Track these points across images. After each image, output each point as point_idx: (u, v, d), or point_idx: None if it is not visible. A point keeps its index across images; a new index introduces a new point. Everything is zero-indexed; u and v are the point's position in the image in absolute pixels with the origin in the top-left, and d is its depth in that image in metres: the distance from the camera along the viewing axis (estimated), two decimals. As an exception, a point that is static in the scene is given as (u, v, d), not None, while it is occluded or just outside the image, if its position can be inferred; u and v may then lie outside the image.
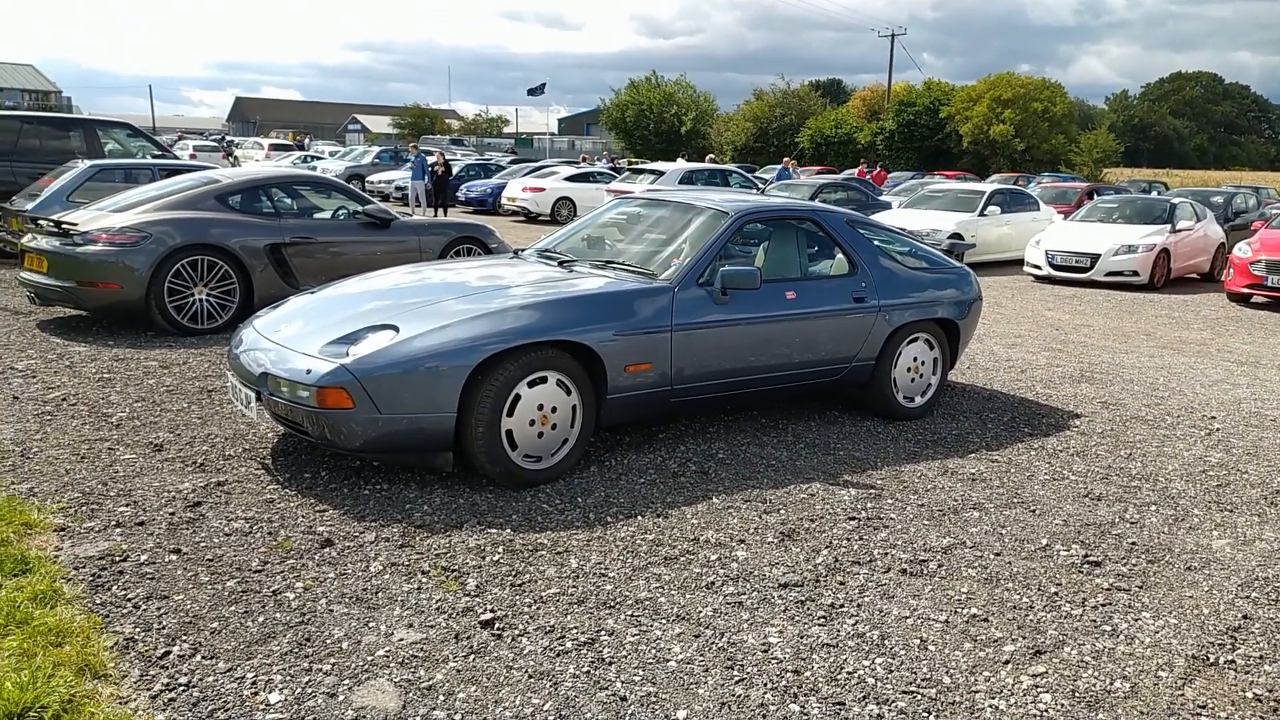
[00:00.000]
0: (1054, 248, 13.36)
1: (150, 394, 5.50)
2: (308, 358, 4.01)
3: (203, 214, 7.49)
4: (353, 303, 4.59)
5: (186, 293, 7.25)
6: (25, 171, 11.21)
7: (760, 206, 5.30)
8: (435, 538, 3.60)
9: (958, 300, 5.79)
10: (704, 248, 4.84)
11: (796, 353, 5.07)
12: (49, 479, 4.04)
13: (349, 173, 29.75)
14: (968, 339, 6.03)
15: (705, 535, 3.75)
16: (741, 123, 54.67)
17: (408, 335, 4.02)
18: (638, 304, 4.50)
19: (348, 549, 3.47)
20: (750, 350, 4.87)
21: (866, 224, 5.72)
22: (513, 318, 4.15)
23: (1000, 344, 8.34)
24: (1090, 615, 3.21)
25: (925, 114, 48.84)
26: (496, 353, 4.01)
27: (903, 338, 5.51)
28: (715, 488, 4.30)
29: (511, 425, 4.09)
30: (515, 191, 22.18)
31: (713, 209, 5.18)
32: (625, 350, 4.39)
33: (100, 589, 3.05)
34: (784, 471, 4.57)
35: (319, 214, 8.41)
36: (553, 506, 4.00)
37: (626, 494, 4.18)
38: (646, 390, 4.54)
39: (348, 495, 4.00)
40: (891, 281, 5.46)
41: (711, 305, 4.71)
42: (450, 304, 4.33)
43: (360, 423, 3.86)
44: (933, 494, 4.34)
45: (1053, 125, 47.77)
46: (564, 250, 5.46)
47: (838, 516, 4.00)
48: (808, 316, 5.07)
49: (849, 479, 4.49)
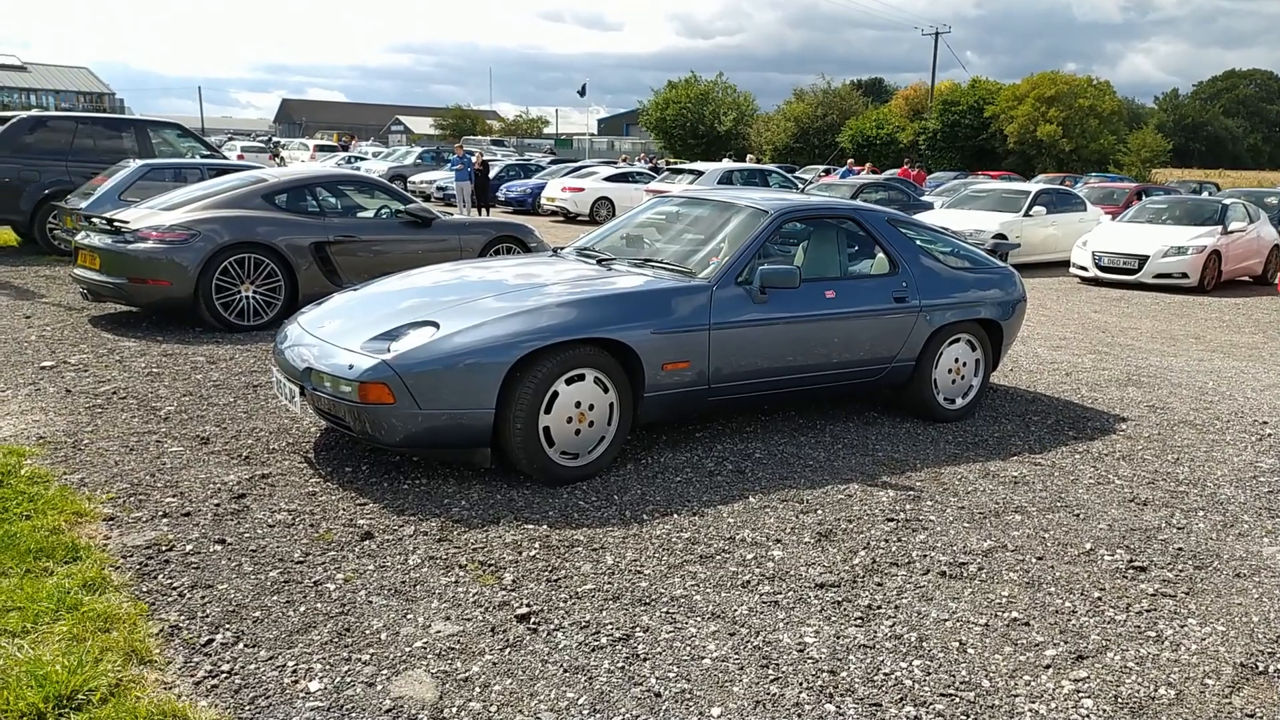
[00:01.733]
0: (1101, 249, 13.12)
1: (197, 389, 5.61)
2: (350, 353, 4.06)
3: (250, 213, 7.63)
4: (394, 300, 4.64)
5: (233, 290, 7.39)
6: (79, 171, 11.51)
7: (799, 205, 5.27)
8: (473, 532, 3.63)
9: (1001, 301, 5.70)
10: (743, 246, 4.83)
11: (835, 353, 5.03)
12: (99, 470, 4.14)
13: (392, 173, 30.11)
14: (1011, 340, 5.94)
15: (741, 534, 3.74)
16: (782, 123, 54.42)
17: (448, 332, 4.06)
18: (676, 302, 4.50)
19: (387, 542, 3.51)
20: (788, 350, 4.84)
21: (908, 223, 5.66)
22: (550, 315, 4.17)
23: (1045, 346, 8.21)
24: (1134, 621, 3.15)
25: (969, 113, 48.24)
26: (535, 350, 4.03)
27: (944, 338, 5.45)
28: (752, 487, 4.29)
29: (549, 422, 4.12)
30: (554, 191, 22.30)
31: (752, 208, 5.16)
32: (663, 348, 4.40)
33: (147, 577, 3.12)
34: (821, 472, 4.54)
35: (362, 213, 8.52)
36: (589, 504, 4.01)
37: (663, 492, 4.18)
38: (684, 389, 4.54)
39: (387, 490, 4.05)
40: (933, 281, 5.39)
41: (750, 304, 4.69)
42: (489, 302, 4.36)
43: (401, 418, 3.91)
44: (973, 496, 4.29)
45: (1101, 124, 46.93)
46: (603, 249, 5.47)
47: (876, 518, 3.96)
48: (847, 316, 5.03)
49: (887, 480, 4.45)
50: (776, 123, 54.88)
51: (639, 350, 4.31)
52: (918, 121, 50.90)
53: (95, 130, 12.38)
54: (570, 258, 5.37)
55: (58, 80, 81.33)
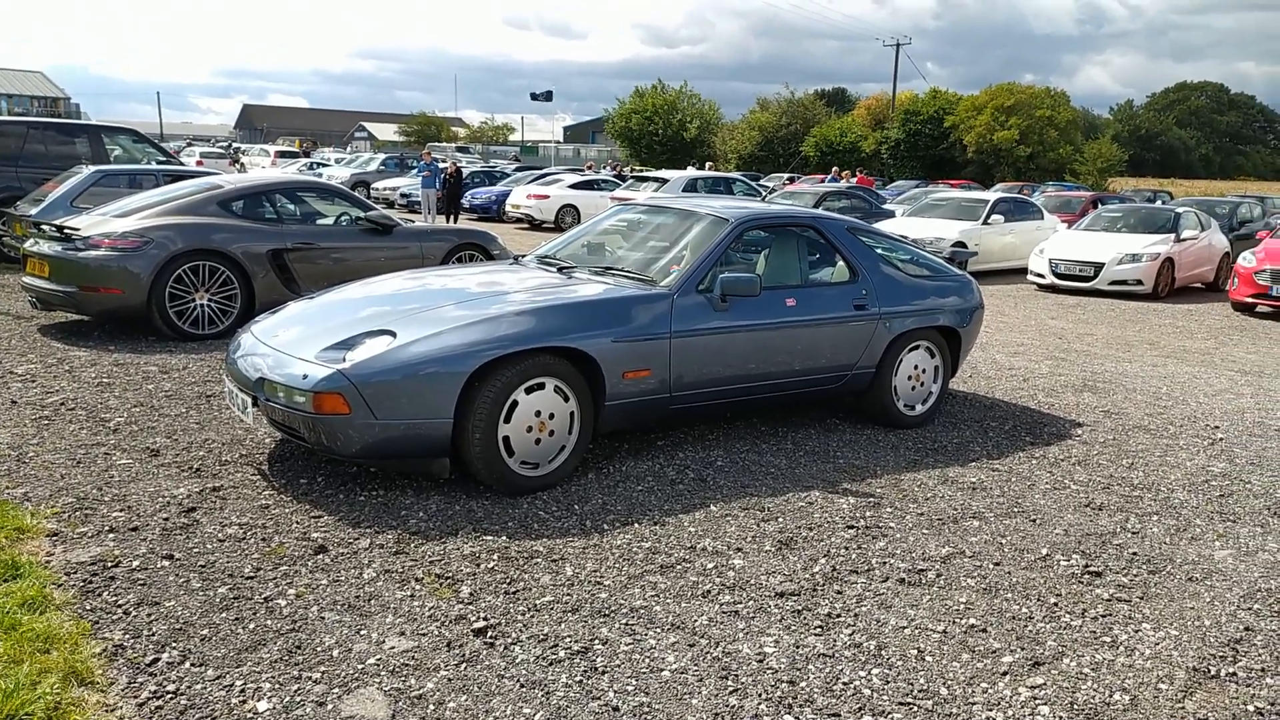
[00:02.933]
0: (1058, 256, 13.32)
1: (149, 399, 5.48)
2: (304, 363, 3.99)
3: (205, 219, 7.49)
4: (351, 308, 4.58)
5: (188, 298, 7.25)
6: (31, 177, 11.23)
7: (761, 214, 5.28)
8: (430, 544, 3.58)
9: (959, 308, 5.76)
10: (704, 254, 4.82)
11: (797, 360, 5.04)
12: (44, 484, 4.02)
13: (354, 179, 29.83)
14: (969, 347, 6.00)
15: (702, 543, 3.72)
16: (746, 131, 54.74)
17: (405, 341, 4.00)
18: (637, 310, 4.48)
19: (341, 555, 3.44)
20: (750, 357, 4.84)
21: (868, 231, 5.69)
22: (510, 324, 4.13)
23: (1003, 352, 8.30)
24: (1090, 626, 3.18)
25: (930, 123, 48.86)
26: (494, 359, 3.98)
27: (904, 345, 5.48)
28: (713, 495, 4.27)
29: (509, 432, 4.07)
30: (520, 199, 22.21)
31: (713, 216, 5.16)
32: (624, 357, 4.37)
33: (91, 595, 3.03)
34: (783, 479, 4.54)
35: (321, 220, 8.41)
36: (549, 514, 3.97)
37: (624, 501, 4.15)
38: (645, 397, 4.52)
39: (343, 501, 3.98)
40: (893, 289, 5.43)
41: (711, 312, 4.68)
42: (448, 310, 4.31)
43: (356, 428, 3.85)
44: (932, 503, 4.31)
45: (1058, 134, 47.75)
46: (564, 256, 5.44)
47: (836, 525, 3.97)
48: (808, 324, 5.05)
49: (848, 487, 4.46)
50: (741, 131, 55.20)
51: (599, 358, 4.28)
52: (880, 131, 51.45)
53: (48, 135, 12.10)
54: (531, 265, 5.34)
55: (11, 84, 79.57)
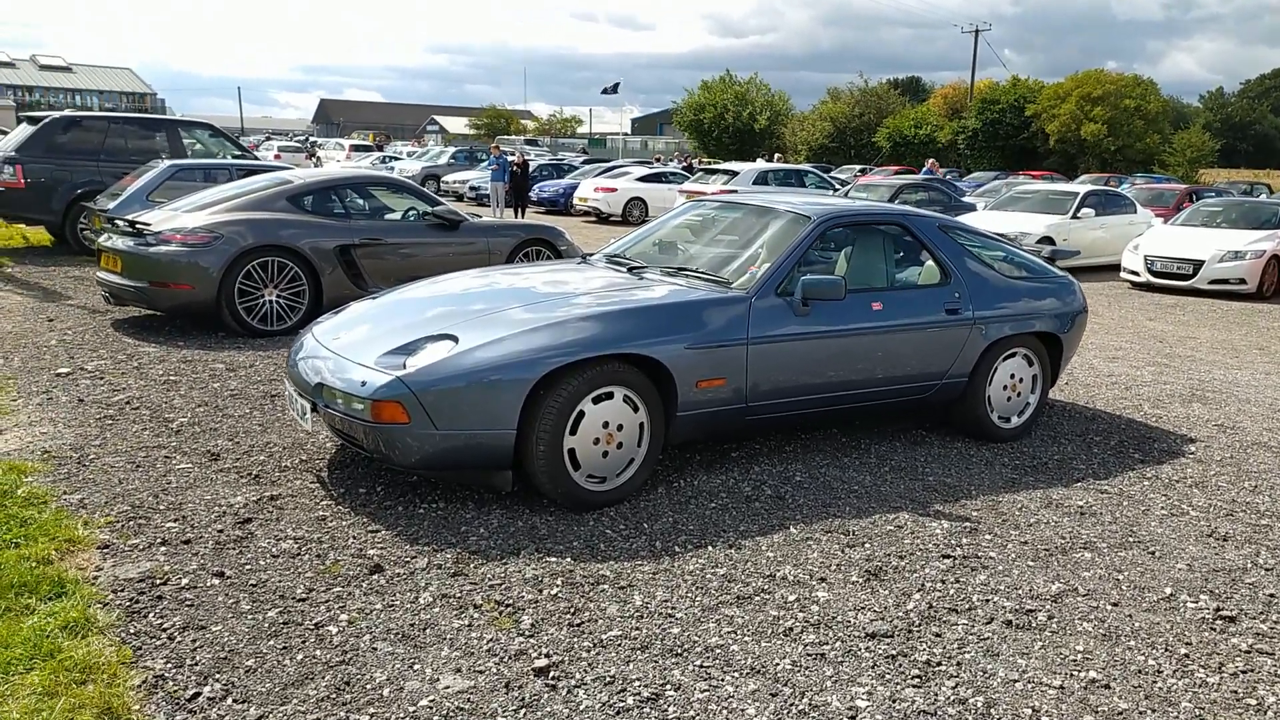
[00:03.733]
0: (1153, 253, 12.60)
1: (214, 398, 5.40)
2: (364, 369, 3.80)
3: (274, 215, 7.43)
4: (414, 309, 4.38)
5: (257, 294, 7.20)
6: (111, 171, 11.42)
7: (844, 210, 4.93)
8: (490, 565, 3.35)
9: (1060, 312, 5.33)
10: (783, 254, 4.51)
11: (882, 368, 4.70)
12: (101, 489, 3.92)
13: (425, 173, 30.08)
14: (1071, 354, 5.56)
15: (782, 571, 3.43)
16: (817, 122, 53.74)
17: (467, 346, 3.78)
18: (711, 315, 4.19)
19: (397, 576, 3.24)
20: (832, 365, 4.52)
21: (960, 229, 5.30)
22: (577, 329, 3.88)
23: (1100, 357, 7.79)
24: (1229, 684, 2.80)
25: (1009, 112, 47.28)
26: (559, 366, 3.74)
27: (999, 353, 5.09)
28: (792, 515, 3.97)
29: (574, 444, 3.83)
30: (587, 192, 22.04)
31: (793, 213, 4.84)
32: (697, 364, 4.09)
33: (136, 616, 2.88)
34: (868, 499, 4.21)
35: (389, 215, 8.31)
36: (616, 532, 3.72)
37: (696, 520, 3.88)
38: (720, 407, 4.23)
39: (402, 514, 3.79)
40: (987, 291, 5.04)
41: (791, 316, 4.37)
42: (513, 313, 4.09)
43: (416, 438, 3.64)
44: (1036, 530, 3.94)
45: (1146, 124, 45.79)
46: (634, 255, 5.18)
47: (930, 553, 3.63)
48: (895, 329, 4.70)
49: (940, 509, 4.11)
50: (812, 122, 54.21)
51: (671, 367, 4.01)
52: (956, 120, 50.02)
53: (127, 130, 12.30)
54: (600, 265, 5.09)
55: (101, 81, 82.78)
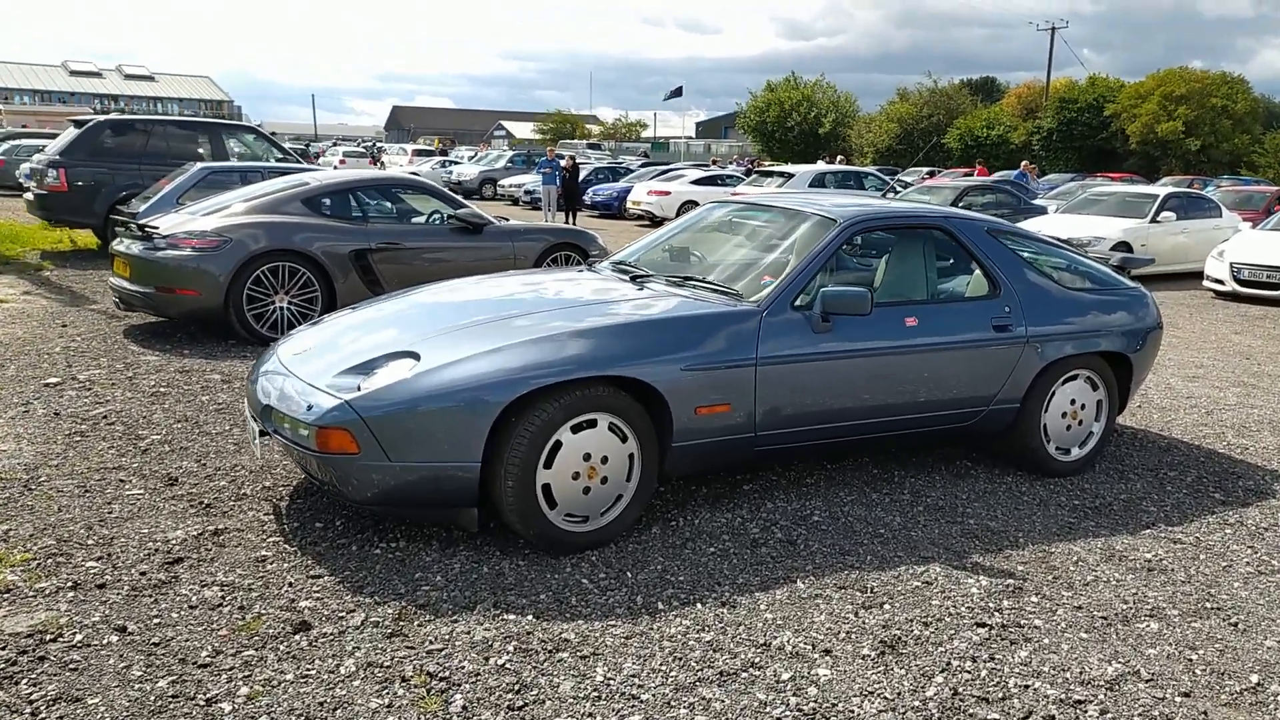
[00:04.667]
0: (1241, 260, 11.61)
1: (198, 413, 5.06)
2: (314, 390, 3.38)
3: (286, 218, 7.12)
4: (388, 322, 3.96)
5: (267, 300, 6.89)
6: (153, 174, 11.33)
7: (877, 213, 4.36)
8: (436, 623, 2.89)
9: (1130, 329, 4.67)
10: (802, 263, 3.96)
11: (918, 393, 4.11)
12: (35, 518, 3.56)
13: (482, 177, 30.05)
14: (1143, 377, 4.88)
15: (780, 638, 2.89)
16: (884, 124, 52.42)
17: (429, 366, 3.33)
18: (715, 331, 3.67)
19: (324, 637, 2.79)
20: (858, 389, 3.96)
21: (1014, 234, 4.67)
22: (554, 348, 3.40)
23: (1179, 375, 7.02)
24: (1338, 820, 2.18)
25: (1087, 112, 45.42)
26: (532, 390, 3.27)
27: (1058, 375, 4.46)
28: (803, 565, 3.42)
29: (550, 478, 3.34)
30: (640, 195, 21.61)
31: (818, 215, 4.28)
32: (697, 388, 3.58)
33: (4, 684, 2.48)
34: (895, 545, 3.64)
35: (409, 218, 7.96)
36: (594, 582, 3.22)
37: (689, 569, 3.36)
38: (723, 437, 3.71)
39: (354, 555, 3.35)
40: (1044, 305, 4.41)
41: (809, 333, 3.82)
42: (489, 327, 3.62)
43: (368, 471, 3.20)
44: (1093, 590, 3.32)
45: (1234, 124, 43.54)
46: (644, 262, 4.68)
47: (961, 620, 3.05)
48: (934, 348, 4.11)
49: (980, 561, 3.52)
50: (879, 124, 52.90)
51: (665, 391, 3.50)
52: (1031, 121, 48.28)
53: (170, 133, 12.24)
54: (605, 272, 4.60)
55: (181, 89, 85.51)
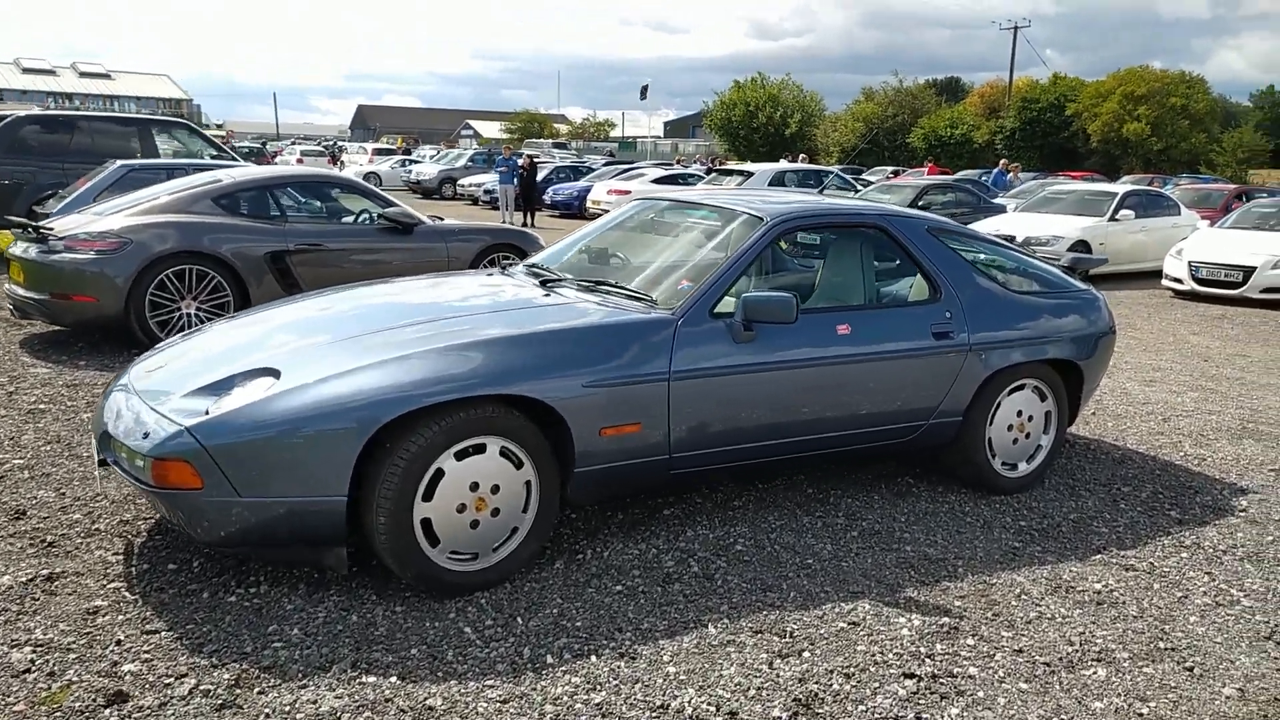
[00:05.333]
0: (1199, 258, 11.45)
1: (74, 433, 4.60)
2: (155, 414, 2.96)
3: (194, 218, 6.65)
4: (263, 332, 3.53)
5: (173, 306, 6.43)
6: (77, 172, 10.76)
7: (808, 211, 4.00)
8: (280, 690, 2.49)
9: (1081, 334, 4.36)
10: (723, 267, 3.59)
11: (852, 407, 3.77)
12: None
13: (442, 176, 29.49)
14: (1094, 385, 4.57)
15: (681, 698, 2.52)
16: (850, 123, 52.38)
17: (288, 385, 2.92)
18: (623, 342, 3.29)
19: (140, 711, 2.38)
20: (785, 404, 3.60)
21: (958, 234, 4.34)
22: (437, 363, 3.01)
23: (1135, 379, 6.76)
24: None
25: (1050, 111, 45.68)
26: (405, 413, 2.87)
27: (1003, 385, 4.13)
28: (718, 604, 3.06)
29: (430, 512, 2.95)
30: (600, 194, 21.19)
31: (745, 214, 3.92)
32: (602, 406, 3.20)
33: None
34: (822, 578, 3.29)
35: (333, 218, 7.51)
36: (478, 631, 2.84)
37: (590, 611, 2.98)
38: (634, 459, 3.33)
39: (203, 604, 2.94)
40: (988, 309, 4.09)
41: (729, 343, 3.46)
42: (366, 339, 3.22)
43: (215, 509, 2.79)
44: (1036, 629, 2.99)
45: (1193, 123, 43.97)
46: (561, 264, 4.30)
47: (888, 669, 2.70)
48: (868, 358, 3.76)
49: (914, 596, 3.17)
50: (845, 123, 52.85)
51: (563, 410, 3.12)
52: (994, 120, 48.46)
53: (96, 130, 11.68)
54: (519, 275, 4.21)
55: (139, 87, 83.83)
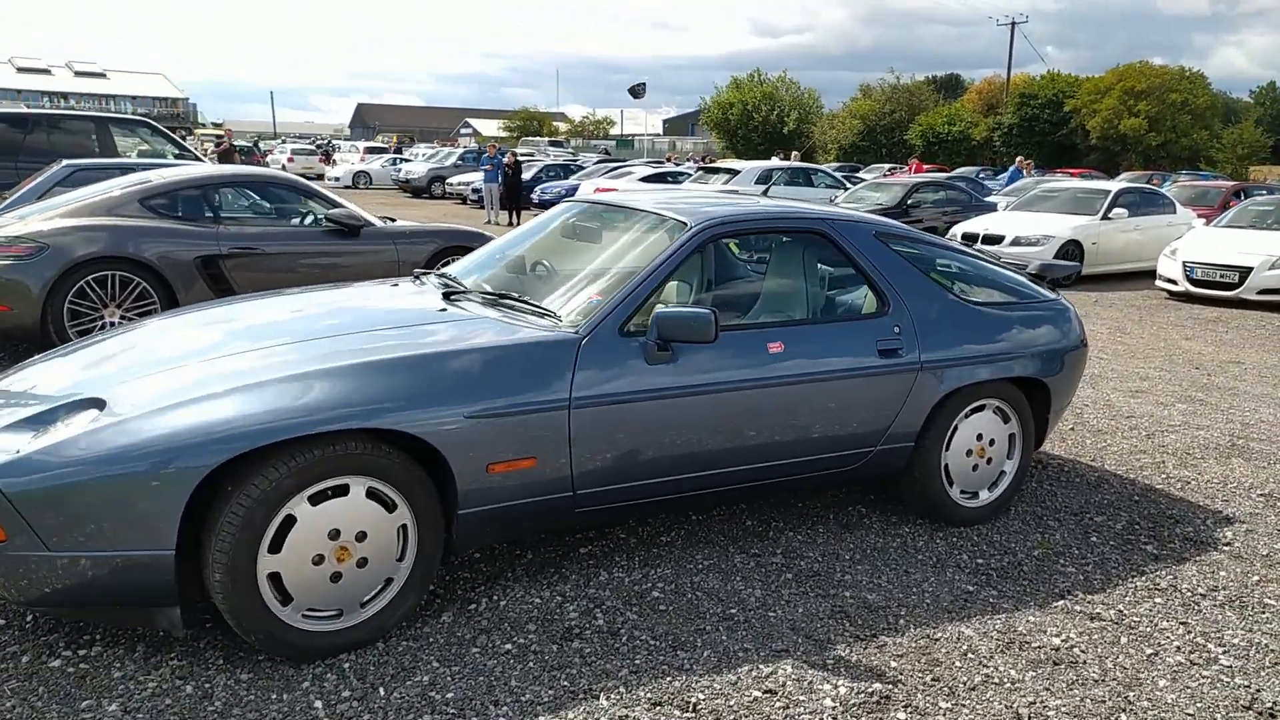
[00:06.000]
0: (1194, 258, 11.04)
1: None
2: (-38, 453, 2.57)
3: (120, 220, 6.27)
4: (111, 355, 3.14)
5: (95, 315, 6.04)
6: (28, 172, 10.40)
7: (738, 215, 3.58)
8: (68, 787, 2.10)
9: (1048, 349, 3.96)
10: (638, 278, 3.20)
11: (785, 434, 3.36)
12: None
13: (431, 174, 29.09)
14: (1064, 404, 4.17)
15: (547, 794, 2.13)
16: (848, 120, 51.92)
17: (112, 419, 2.53)
18: (514, 365, 2.90)
19: (-113, 818, 2.00)
20: (708, 433, 3.20)
21: (910, 239, 3.93)
22: (288, 391, 2.61)
23: (1120, 388, 6.36)
24: None
25: (1048, 107, 45.21)
26: (247, 451, 2.48)
27: (961, 406, 3.74)
28: (619, 667, 2.67)
29: (279, 566, 2.56)
30: (587, 192, 20.77)
31: (671, 219, 3.52)
32: (489, 440, 2.81)
33: None
34: (745, 633, 2.89)
35: (275, 220, 7.12)
36: (330, 707, 2.45)
37: (467, 678, 2.59)
38: (530, 498, 2.94)
39: (20, 670, 2.54)
40: (943, 323, 3.69)
41: (641, 364, 3.06)
42: (215, 364, 2.83)
43: (25, 564, 2.41)
44: (980, 698, 2.59)
45: (1194, 119, 43.51)
46: (480, 274, 3.89)
47: (797, 754, 2.31)
48: (803, 379, 3.36)
49: (845, 655, 2.78)
50: (842, 120, 52.39)
51: (441, 445, 2.72)
52: (992, 116, 48.01)
53: (53, 128, 11.31)
54: (427, 286, 3.81)
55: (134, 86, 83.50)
